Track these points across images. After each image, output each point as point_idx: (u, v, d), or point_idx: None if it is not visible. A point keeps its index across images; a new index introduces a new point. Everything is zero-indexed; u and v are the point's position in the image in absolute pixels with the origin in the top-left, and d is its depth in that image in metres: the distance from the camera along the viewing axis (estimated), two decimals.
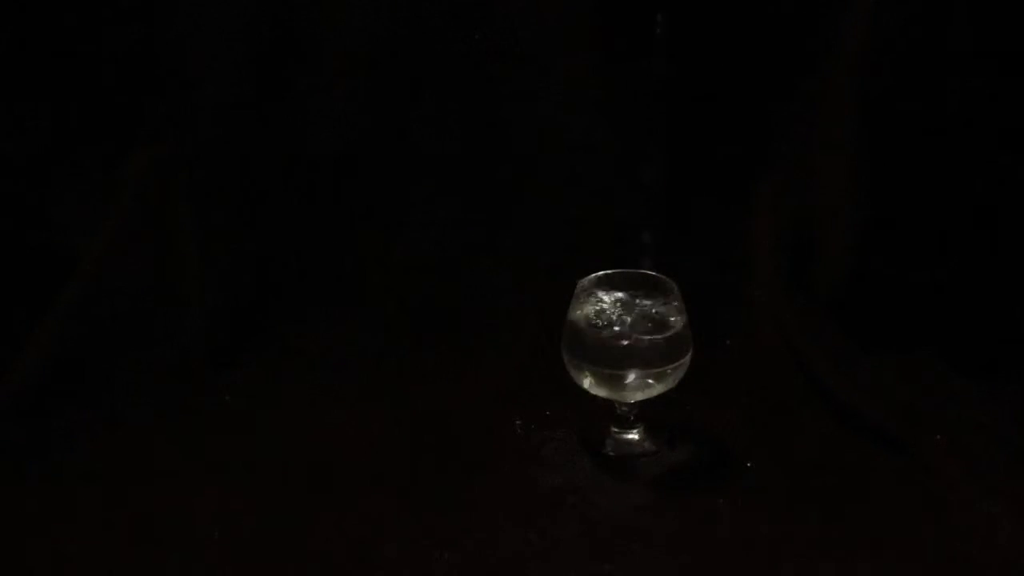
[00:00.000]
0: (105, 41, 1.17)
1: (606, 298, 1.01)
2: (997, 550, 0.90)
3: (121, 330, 1.16)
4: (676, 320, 0.99)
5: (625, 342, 0.97)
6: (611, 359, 0.98)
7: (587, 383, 1.00)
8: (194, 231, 1.20)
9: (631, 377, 0.98)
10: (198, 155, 1.20)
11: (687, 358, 0.99)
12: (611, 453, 1.03)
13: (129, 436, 1.06)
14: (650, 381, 0.98)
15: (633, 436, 1.04)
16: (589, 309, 1.01)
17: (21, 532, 0.94)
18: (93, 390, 1.11)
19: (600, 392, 1.00)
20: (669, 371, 0.98)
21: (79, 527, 0.94)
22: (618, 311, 1.01)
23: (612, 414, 1.03)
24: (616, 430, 1.04)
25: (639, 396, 1.00)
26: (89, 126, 1.19)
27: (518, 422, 1.07)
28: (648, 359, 0.97)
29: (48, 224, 1.19)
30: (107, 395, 1.11)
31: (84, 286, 1.15)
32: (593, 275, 1.03)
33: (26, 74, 1.16)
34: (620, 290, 1.03)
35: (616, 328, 0.99)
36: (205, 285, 1.20)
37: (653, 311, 1.00)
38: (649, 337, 0.97)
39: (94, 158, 1.19)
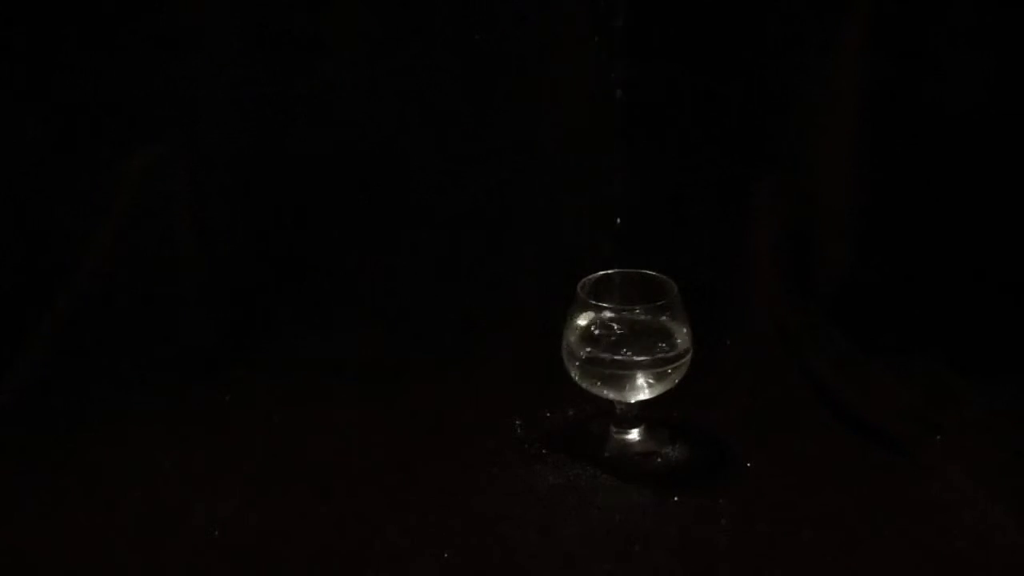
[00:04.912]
0: (106, 40, 1.17)
1: (606, 313, 1.01)
2: (997, 550, 0.90)
3: (121, 329, 1.16)
4: (677, 332, 0.99)
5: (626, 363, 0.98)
6: (611, 365, 0.98)
7: (587, 383, 1.00)
8: (194, 231, 1.20)
9: (631, 378, 0.98)
10: (198, 155, 1.20)
11: (687, 358, 0.99)
12: (611, 453, 1.03)
13: (129, 435, 1.06)
14: (650, 381, 0.98)
15: (633, 436, 1.04)
16: (589, 324, 1.01)
17: (21, 531, 0.94)
18: (93, 388, 1.11)
19: (600, 392, 1.00)
20: (669, 371, 0.98)
21: (79, 527, 0.94)
22: (617, 329, 1.01)
23: (612, 414, 1.03)
24: (616, 430, 1.04)
25: (639, 396, 1.00)
26: (89, 126, 1.19)
27: (518, 422, 1.07)
28: (649, 365, 0.98)
29: (49, 223, 1.19)
30: (107, 394, 1.11)
31: (84, 285, 1.15)
32: (593, 275, 1.03)
33: (27, 73, 1.16)
34: (621, 295, 1.03)
35: (617, 355, 0.99)
36: (205, 285, 1.20)
37: (654, 326, 1.00)
38: (650, 358, 0.98)
39: (94, 158, 1.19)
